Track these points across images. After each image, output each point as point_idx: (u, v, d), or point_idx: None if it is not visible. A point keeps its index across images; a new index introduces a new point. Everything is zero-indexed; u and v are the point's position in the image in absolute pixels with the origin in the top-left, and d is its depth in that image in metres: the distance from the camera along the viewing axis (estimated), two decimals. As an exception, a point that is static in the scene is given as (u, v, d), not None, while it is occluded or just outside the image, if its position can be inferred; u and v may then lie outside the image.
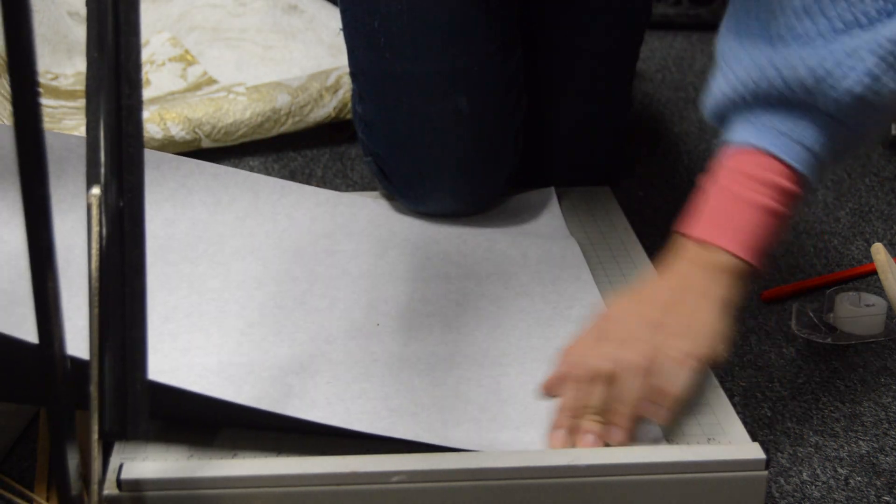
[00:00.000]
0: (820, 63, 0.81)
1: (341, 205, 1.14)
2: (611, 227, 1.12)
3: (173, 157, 1.09)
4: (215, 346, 0.90)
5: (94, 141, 0.80)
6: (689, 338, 0.81)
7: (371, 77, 1.09)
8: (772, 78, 0.83)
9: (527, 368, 0.87)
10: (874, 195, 1.34)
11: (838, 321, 1.05)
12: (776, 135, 0.84)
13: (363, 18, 1.07)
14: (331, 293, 0.99)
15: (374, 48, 1.07)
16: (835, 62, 0.80)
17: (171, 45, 1.57)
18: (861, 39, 0.80)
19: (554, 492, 0.75)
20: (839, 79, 0.80)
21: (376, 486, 0.73)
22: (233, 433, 0.79)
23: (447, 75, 1.06)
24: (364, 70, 1.10)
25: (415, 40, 1.05)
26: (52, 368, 0.65)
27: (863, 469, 0.86)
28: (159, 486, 0.72)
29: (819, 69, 0.81)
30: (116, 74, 0.76)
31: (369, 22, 1.06)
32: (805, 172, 0.84)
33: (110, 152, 0.81)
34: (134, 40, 0.75)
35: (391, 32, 1.05)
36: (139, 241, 0.80)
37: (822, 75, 0.81)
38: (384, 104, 1.09)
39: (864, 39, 0.80)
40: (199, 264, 1.02)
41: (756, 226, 0.84)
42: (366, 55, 1.09)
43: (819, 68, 0.81)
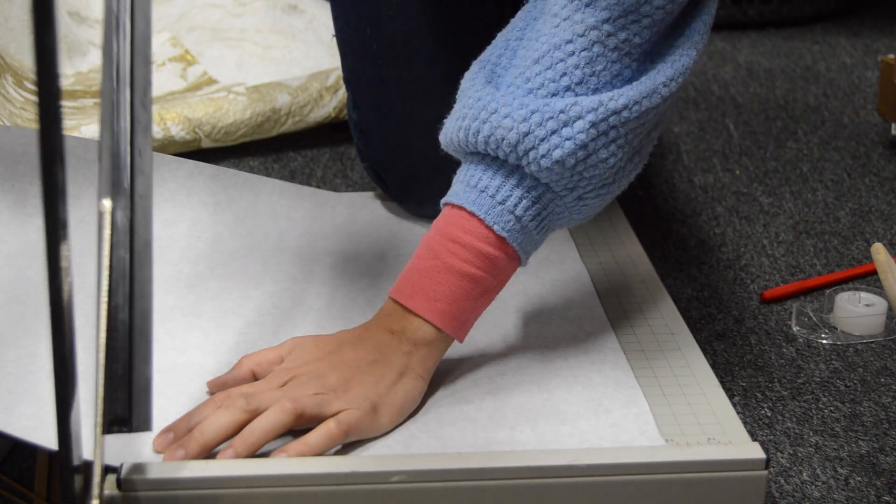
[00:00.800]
0: (527, 117, 0.76)
1: (340, 205, 1.14)
2: (611, 227, 1.12)
3: (173, 159, 1.10)
4: (213, 346, 0.90)
5: (105, 151, 0.82)
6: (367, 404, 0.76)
7: (364, 83, 1.09)
8: (483, 122, 0.78)
9: (523, 368, 0.87)
10: (874, 195, 1.34)
11: (838, 321, 1.05)
12: (484, 198, 0.79)
13: (355, 25, 1.06)
14: (329, 293, 0.99)
15: (366, 54, 1.07)
16: (541, 119, 0.76)
17: (171, 45, 1.57)
18: (578, 101, 0.76)
19: (554, 492, 0.75)
20: (543, 138, 0.76)
21: (376, 486, 0.73)
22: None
23: (440, 80, 1.06)
24: (357, 76, 1.10)
25: (407, 45, 1.04)
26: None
27: (863, 469, 0.86)
28: (159, 486, 0.72)
29: (524, 125, 0.76)
30: (132, 95, 0.76)
31: (361, 28, 1.06)
32: (511, 241, 0.79)
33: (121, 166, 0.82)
34: (145, 69, 0.75)
35: (383, 38, 1.05)
36: (147, 257, 0.81)
37: (525, 132, 0.76)
38: (378, 111, 1.09)
39: (580, 102, 0.76)
40: (197, 264, 1.02)
41: (458, 294, 0.79)
42: (358, 61, 1.08)
43: (524, 124, 0.76)
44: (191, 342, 0.90)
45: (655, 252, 1.18)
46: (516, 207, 0.79)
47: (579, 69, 0.77)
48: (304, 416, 0.74)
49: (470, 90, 0.82)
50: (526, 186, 0.78)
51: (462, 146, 0.81)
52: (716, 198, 1.33)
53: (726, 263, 1.17)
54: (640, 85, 0.78)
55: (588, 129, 0.76)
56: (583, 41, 0.77)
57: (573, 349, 0.90)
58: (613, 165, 0.78)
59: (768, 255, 1.19)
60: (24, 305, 0.94)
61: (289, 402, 0.74)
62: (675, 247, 1.20)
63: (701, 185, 1.36)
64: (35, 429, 0.77)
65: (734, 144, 1.48)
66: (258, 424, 0.74)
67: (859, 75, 1.75)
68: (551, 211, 0.81)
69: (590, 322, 0.94)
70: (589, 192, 0.80)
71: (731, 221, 1.27)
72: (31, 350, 0.87)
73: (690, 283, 1.13)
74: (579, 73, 0.77)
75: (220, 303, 0.96)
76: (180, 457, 0.73)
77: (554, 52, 0.77)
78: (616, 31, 0.77)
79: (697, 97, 1.65)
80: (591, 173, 0.78)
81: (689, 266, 1.16)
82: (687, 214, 1.28)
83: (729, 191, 1.34)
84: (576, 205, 0.81)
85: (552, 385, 0.85)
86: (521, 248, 0.81)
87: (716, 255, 1.18)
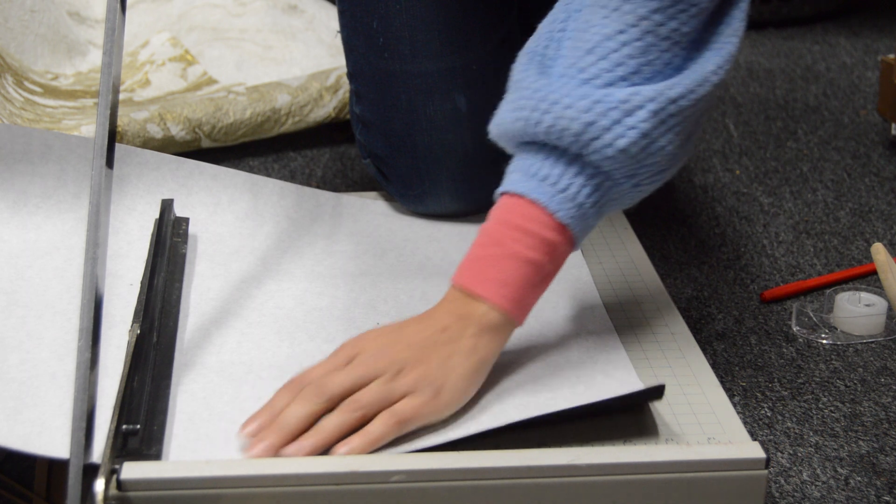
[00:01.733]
0: (590, 108, 0.78)
1: (341, 205, 1.14)
2: (611, 228, 1.12)
3: (173, 158, 1.09)
4: (214, 346, 0.90)
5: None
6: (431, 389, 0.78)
7: (369, 77, 1.09)
8: (543, 113, 0.80)
9: (525, 367, 0.87)
10: (874, 195, 1.34)
11: (838, 321, 1.05)
12: (545, 186, 0.81)
13: (362, 18, 1.07)
14: (330, 292, 0.99)
15: (372, 48, 1.07)
16: (604, 109, 0.78)
17: (171, 45, 1.57)
18: (637, 90, 0.78)
19: (554, 492, 0.75)
20: (605, 129, 0.78)
21: (376, 485, 0.73)
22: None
23: (445, 74, 1.06)
24: (362, 70, 1.10)
25: (413, 39, 1.05)
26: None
27: (863, 469, 0.86)
28: (159, 486, 0.72)
29: (588, 115, 0.78)
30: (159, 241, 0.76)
31: (368, 22, 1.06)
32: (572, 228, 0.81)
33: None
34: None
35: (390, 32, 1.05)
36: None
37: (589, 122, 0.78)
38: (383, 104, 1.09)
39: (639, 91, 0.78)
40: (197, 264, 1.02)
41: (522, 280, 0.81)
42: (364, 55, 1.09)
43: (588, 114, 0.78)
44: (191, 342, 0.90)
45: (655, 252, 1.18)
46: (577, 195, 0.80)
47: (633, 59, 0.79)
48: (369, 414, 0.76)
49: (524, 81, 0.83)
50: (587, 175, 0.80)
51: (518, 136, 0.83)
52: (716, 198, 1.33)
53: (726, 263, 1.17)
54: (692, 73, 0.80)
55: (649, 118, 0.78)
56: (635, 31, 0.79)
57: (575, 349, 0.90)
58: (670, 152, 0.80)
59: (768, 255, 1.19)
60: (25, 308, 0.94)
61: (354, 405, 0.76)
62: (675, 247, 1.20)
63: (701, 185, 1.36)
64: (39, 434, 0.77)
65: (734, 144, 1.48)
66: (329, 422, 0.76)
67: (859, 75, 1.75)
68: (609, 197, 0.82)
69: (591, 322, 0.94)
70: (645, 179, 0.82)
71: (731, 221, 1.27)
72: (33, 354, 0.87)
73: (690, 283, 1.13)
74: (633, 63, 0.79)
75: (220, 303, 0.96)
76: (263, 448, 0.74)
77: (606, 42, 0.79)
78: (665, 20, 0.79)
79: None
80: (650, 161, 0.80)
81: (689, 266, 1.16)
82: (687, 214, 1.28)
83: (729, 191, 1.34)
84: (631, 191, 0.83)
85: (554, 384, 0.85)
86: (580, 233, 0.83)
87: (716, 255, 1.18)
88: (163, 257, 0.96)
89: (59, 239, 1.03)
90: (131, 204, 1.07)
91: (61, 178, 1.06)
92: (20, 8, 1.50)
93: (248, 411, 0.81)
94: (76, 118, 1.39)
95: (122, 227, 1.05)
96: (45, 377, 0.84)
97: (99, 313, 0.73)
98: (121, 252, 1.02)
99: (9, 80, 1.42)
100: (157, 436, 0.77)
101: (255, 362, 0.88)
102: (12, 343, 0.89)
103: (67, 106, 1.44)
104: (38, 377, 0.84)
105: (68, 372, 0.85)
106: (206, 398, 0.83)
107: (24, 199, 1.05)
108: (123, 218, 1.06)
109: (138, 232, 1.05)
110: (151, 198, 1.07)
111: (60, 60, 1.54)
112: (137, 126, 1.34)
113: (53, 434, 0.77)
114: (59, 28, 1.55)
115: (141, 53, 1.56)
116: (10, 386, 0.83)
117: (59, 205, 1.06)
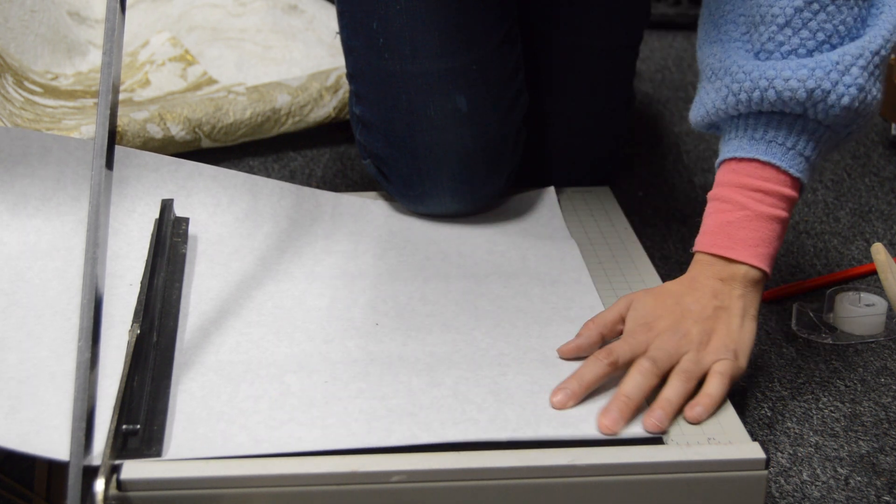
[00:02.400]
0: (810, 75, 0.86)
1: (341, 205, 1.14)
2: (611, 227, 1.12)
3: (172, 160, 1.09)
4: (214, 345, 0.90)
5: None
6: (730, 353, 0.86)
7: (369, 77, 1.09)
8: (764, 91, 0.87)
9: (525, 368, 0.87)
10: (874, 195, 1.34)
11: (838, 321, 1.05)
12: (775, 147, 0.89)
13: (362, 19, 1.07)
14: (329, 293, 0.99)
15: (372, 49, 1.07)
16: (823, 73, 0.86)
17: (171, 45, 1.57)
18: (844, 50, 0.87)
19: (554, 492, 0.75)
20: (829, 90, 0.86)
21: (376, 486, 0.73)
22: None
23: (446, 74, 1.06)
24: (362, 71, 1.10)
25: (413, 40, 1.05)
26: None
27: (863, 469, 0.86)
28: (159, 486, 0.72)
29: (810, 82, 0.86)
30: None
31: (368, 23, 1.06)
32: (803, 179, 0.89)
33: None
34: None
35: (390, 32, 1.05)
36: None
37: (813, 88, 0.86)
38: (383, 104, 1.09)
39: (847, 51, 0.87)
40: (197, 264, 1.02)
41: (771, 236, 0.89)
42: (364, 56, 1.09)
43: (809, 81, 0.86)
44: (191, 342, 0.90)
45: (655, 252, 1.18)
46: (805, 150, 0.89)
47: (828, 23, 0.87)
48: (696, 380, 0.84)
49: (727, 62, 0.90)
50: (810, 130, 0.88)
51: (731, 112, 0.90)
52: (716, 198, 1.32)
53: (726, 263, 1.17)
54: (883, 25, 0.88)
55: (861, 73, 0.86)
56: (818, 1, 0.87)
57: (574, 349, 0.90)
58: (878, 99, 0.89)
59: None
60: (24, 309, 0.94)
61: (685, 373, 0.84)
62: (675, 247, 1.20)
63: (701, 185, 1.36)
64: (38, 433, 0.77)
65: (734, 144, 1.48)
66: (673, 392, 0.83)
67: (859, 75, 1.75)
68: (830, 145, 0.91)
69: (590, 322, 0.94)
70: (859, 124, 0.90)
71: (731, 221, 1.26)
72: (32, 354, 0.87)
73: (690, 283, 1.13)
74: (829, 27, 0.87)
75: (220, 303, 0.96)
76: (614, 417, 0.80)
77: (800, 14, 0.87)
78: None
79: (697, 97, 1.65)
80: (866, 110, 0.88)
81: (689, 266, 1.16)
82: (687, 214, 1.28)
83: (729, 191, 1.34)
84: (846, 137, 0.92)
85: (553, 386, 0.85)
86: (809, 182, 0.94)
87: (716, 255, 1.18)
88: (163, 257, 0.96)
89: (58, 240, 1.03)
90: (131, 206, 1.07)
91: (60, 181, 1.06)
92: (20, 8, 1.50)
93: (247, 411, 0.81)
94: (76, 118, 1.39)
95: (122, 228, 1.05)
96: (45, 376, 0.84)
97: (99, 313, 0.73)
98: (120, 253, 1.02)
99: (9, 80, 1.42)
100: (157, 436, 0.77)
101: (254, 362, 0.88)
102: (11, 343, 0.89)
103: (67, 106, 1.44)
104: (37, 376, 0.84)
105: (67, 371, 0.85)
106: (205, 398, 0.83)
107: (23, 202, 1.05)
108: (123, 220, 1.06)
109: (138, 233, 1.05)
110: (151, 199, 1.07)
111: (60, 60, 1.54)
112: (137, 126, 1.34)
113: (52, 433, 0.77)
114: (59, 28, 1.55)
115: (141, 53, 1.56)
116: (9, 384, 0.83)
117: (58, 207, 1.06)
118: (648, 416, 0.80)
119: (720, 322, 0.87)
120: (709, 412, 0.82)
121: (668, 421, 0.80)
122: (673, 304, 0.88)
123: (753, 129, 0.89)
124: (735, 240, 0.89)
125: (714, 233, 0.90)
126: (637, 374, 0.82)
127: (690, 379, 0.83)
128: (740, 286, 0.88)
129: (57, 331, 0.91)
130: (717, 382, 0.84)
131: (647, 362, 0.83)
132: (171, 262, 0.98)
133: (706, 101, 0.92)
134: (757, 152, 0.89)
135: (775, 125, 0.89)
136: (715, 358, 0.85)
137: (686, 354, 0.85)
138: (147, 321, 0.86)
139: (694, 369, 0.84)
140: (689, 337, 0.86)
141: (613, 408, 0.80)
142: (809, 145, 0.89)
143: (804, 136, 0.89)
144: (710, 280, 0.89)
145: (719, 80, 0.90)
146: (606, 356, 0.84)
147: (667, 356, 0.84)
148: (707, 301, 0.88)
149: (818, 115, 0.87)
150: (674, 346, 0.85)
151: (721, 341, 0.86)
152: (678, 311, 0.87)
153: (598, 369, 0.83)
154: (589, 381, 0.83)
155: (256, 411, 0.81)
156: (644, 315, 0.88)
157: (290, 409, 0.81)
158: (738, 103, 0.89)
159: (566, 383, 0.83)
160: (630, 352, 0.85)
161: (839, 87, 0.86)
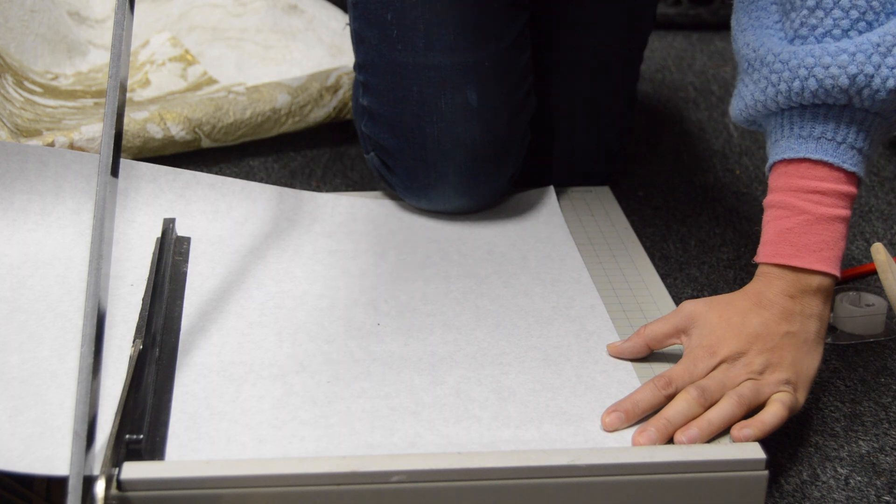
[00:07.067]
0: (851, 61, 0.82)
1: (341, 205, 1.14)
2: (611, 227, 1.12)
3: (170, 170, 1.10)
4: (216, 346, 0.90)
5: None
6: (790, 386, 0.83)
7: (380, 68, 1.09)
8: (804, 80, 0.83)
9: (527, 367, 0.87)
10: (874, 195, 1.34)
11: (838, 321, 1.05)
12: (825, 143, 0.85)
13: (376, 10, 1.07)
14: (331, 293, 0.99)
15: (385, 40, 1.07)
16: (865, 58, 0.81)
17: (171, 45, 1.57)
18: (884, 31, 0.82)
19: (554, 492, 0.75)
20: (872, 75, 0.81)
21: (376, 486, 0.73)
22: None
23: (458, 68, 1.06)
24: (373, 61, 1.10)
25: (428, 33, 1.05)
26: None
27: (863, 469, 0.86)
28: (159, 486, 0.72)
29: (851, 67, 0.82)
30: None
31: (382, 14, 1.07)
32: (858, 172, 0.85)
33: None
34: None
35: (404, 24, 1.05)
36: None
37: (855, 73, 0.81)
38: (393, 95, 1.09)
39: (887, 30, 0.82)
40: (197, 264, 1.03)
41: (836, 237, 0.85)
42: (376, 46, 1.09)
43: (851, 67, 0.82)
44: (193, 343, 0.90)
45: (655, 252, 1.18)
46: (855, 141, 0.84)
47: (861, 1, 0.82)
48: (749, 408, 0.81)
49: (761, 51, 0.86)
50: (858, 120, 0.84)
51: (771, 107, 0.86)
52: (716, 198, 1.33)
53: (726, 263, 1.17)
54: None
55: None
56: None
57: (576, 349, 0.90)
58: None
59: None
60: (27, 314, 0.94)
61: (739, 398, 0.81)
62: (675, 247, 1.20)
63: (701, 185, 1.36)
64: (41, 434, 0.77)
65: (734, 144, 1.48)
66: (718, 415, 0.80)
67: (859, 75, 1.75)
68: (880, 132, 0.86)
69: (592, 321, 0.94)
70: None
71: (731, 221, 1.27)
72: (34, 354, 0.88)
73: (690, 283, 1.13)
74: (862, 3, 0.82)
75: (221, 303, 0.96)
76: (651, 437, 0.78)
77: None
78: None
79: (697, 97, 1.65)
80: None
81: (689, 266, 1.16)
82: (687, 214, 1.28)
83: (729, 191, 1.34)
84: (895, 122, 0.87)
85: (556, 385, 0.85)
86: (865, 173, 0.87)
87: (716, 255, 1.18)
88: (165, 276, 0.97)
89: (59, 251, 1.04)
90: (131, 216, 1.07)
91: (59, 195, 1.06)
92: (20, 8, 1.50)
93: (248, 411, 0.81)
94: (76, 118, 1.39)
95: (123, 237, 1.06)
96: (46, 375, 0.84)
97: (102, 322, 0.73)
98: (122, 257, 1.02)
99: (9, 80, 1.42)
100: (160, 447, 0.77)
101: (256, 362, 0.88)
102: (13, 345, 0.89)
103: (67, 106, 1.44)
104: (39, 375, 0.84)
105: (69, 370, 0.85)
106: (207, 398, 0.83)
107: (23, 217, 1.05)
108: (124, 230, 1.06)
109: (138, 240, 1.05)
110: (150, 209, 1.08)
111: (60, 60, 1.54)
112: (137, 126, 1.34)
113: (54, 434, 0.77)
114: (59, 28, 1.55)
115: (141, 53, 1.56)
116: (12, 385, 0.83)
117: (58, 221, 1.06)
118: (683, 431, 0.79)
119: (786, 351, 0.84)
120: (756, 438, 0.79)
121: (700, 441, 0.78)
122: (739, 325, 0.84)
123: (800, 127, 0.85)
124: (798, 247, 0.85)
125: (775, 242, 0.86)
126: (683, 401, 0.80)
127: (743, 405, 0.81)
128: (811, 302, 0.85)
129: (58, 331, 0.91)
130: (776, 411, 0.81)
131: (695, 391, 0.81)
132: (173, 281, 0.98)
133: (745, 95, 0.88)
134: (807, 151, 0.85)
135: (822, 119, 0.84)
136: (775, 390, 0.82)
137: (746, 382, 0.82)
138: (149, 337, 0.86)
139: (751, 397, 0.81)
140: (750, 367, 0.83)
141: (652, 429, 0.79)
142: (860, 136, 0.84)
143: (853, 128, 0.84)
144: (779, 297, 0.85)
145: (756, 72, 0.87)
146: (665, 387, 0.82)
147: (720, 387, 0.81)
148: (775, 326, 0.84)
149: (864, 102, 0.83)
150: (731, 379, 0.82)
151: (784, 374, 0.83)
152: (744, 336, 0.84)
153: (654, 399, 0.81)
154: (644, 408, 0.81)
155: (259, 411, 0.81)
156: (708, 335, 0.84)
157: (293, 409, 0.82)
158: (777, 94, 0.85)
159: (620, 405, 0.81)
160: (689, 382, 0.82)
161: (882, 70, 0.81)
